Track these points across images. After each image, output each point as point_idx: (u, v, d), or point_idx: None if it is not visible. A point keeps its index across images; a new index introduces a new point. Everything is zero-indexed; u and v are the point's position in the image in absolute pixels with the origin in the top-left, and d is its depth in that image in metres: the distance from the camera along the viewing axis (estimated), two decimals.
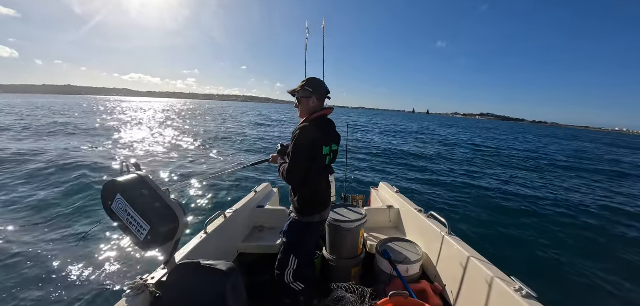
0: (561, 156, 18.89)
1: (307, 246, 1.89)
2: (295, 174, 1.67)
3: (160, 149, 12.64)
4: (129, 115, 35.29)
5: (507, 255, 4.51)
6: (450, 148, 18.84)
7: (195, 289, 1.29)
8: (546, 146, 27.43)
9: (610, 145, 39.02)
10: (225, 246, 2.39)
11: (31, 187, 6.60)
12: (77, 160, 9.05)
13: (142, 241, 1.19)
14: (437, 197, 7.54)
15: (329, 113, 1.84)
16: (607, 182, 10.77)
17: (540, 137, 46.72)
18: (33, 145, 11.50)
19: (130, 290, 1.32)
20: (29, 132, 15.23)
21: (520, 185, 9.10)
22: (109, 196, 1.21)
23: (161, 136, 16.88)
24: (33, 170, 7.87)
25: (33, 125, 17.89)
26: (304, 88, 1.74)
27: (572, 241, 5.14)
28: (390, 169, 10.94)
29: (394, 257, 2.12)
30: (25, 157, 9.21)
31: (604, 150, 27.46)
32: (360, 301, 1.70)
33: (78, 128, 17.85)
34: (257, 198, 3.24)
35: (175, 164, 9.99)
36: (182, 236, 1.38)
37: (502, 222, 5.83)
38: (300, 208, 1.78)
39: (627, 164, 17.10)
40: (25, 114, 26.68)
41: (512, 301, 1.40)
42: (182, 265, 1.39)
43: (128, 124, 22.92)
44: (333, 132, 1.87)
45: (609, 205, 7.53)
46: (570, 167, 14.29)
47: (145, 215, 1.17)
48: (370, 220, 2.81)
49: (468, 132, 43.04)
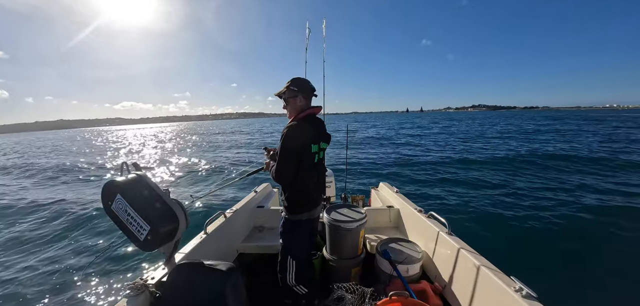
0: (562, 145, 18.74)
1: (301, 245, 1.88)
2: (284, 173, 1.68)
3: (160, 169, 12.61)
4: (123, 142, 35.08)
5: (507, 255, 4.51)
6: (449, 146, 18.83)
7: (195, 289, 1.29)
8: (540, 134, 27.10)
9: (601, 121, 38.74)
10: (225, 246, 2.39)
11: (31, 186, 6.60)
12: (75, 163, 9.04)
13: (142, 241, 1.19)
14: (437, 197, 7.54)
15: (317, 112, 1.85)
16: (608, 172, 10.75)
17: (533, 122, 45.91)
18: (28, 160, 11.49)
19: (130, 290, 1.32)
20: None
21: (520, 185, 9.09)
22: (109, 196, 1.21)
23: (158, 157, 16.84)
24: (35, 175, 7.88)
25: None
26: (289, 89, 1.76)
27: (572, 240, 5.14)
28: (390, 169, 10.95)
29: (394, 257, 2.12)
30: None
31: (607, 129, 26.92)
32: (360, 301, 1.70)
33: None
34: (257, 198, 3.24)
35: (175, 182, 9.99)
36: (182, 237, 1.38)
37: (502, 222, 5.83)
38: (288, 207, 1.80)
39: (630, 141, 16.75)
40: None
41: (512, 301, 1.40)
42: (182, 265, 1.39)
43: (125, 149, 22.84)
44: (322, 130, 1.86)
45: (610, 202, 7.52)
46: (569, 156, 14.20)
47: (145, 215, 1.17)
48: (370, 220, 2.81)
49: (462, 124, 43.02)
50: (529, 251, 4.69)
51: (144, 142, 31.37)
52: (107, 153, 14.00)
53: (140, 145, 25.41)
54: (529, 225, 5.75)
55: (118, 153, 12.42)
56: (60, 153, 20.36)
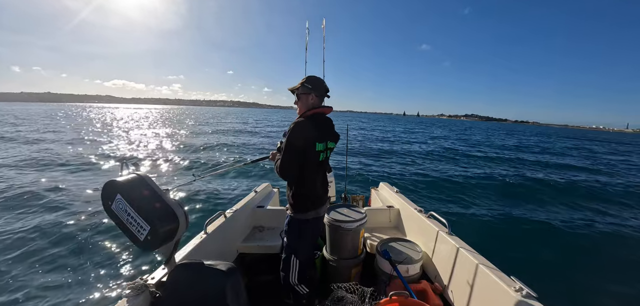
0: (558, 153, 18.97)
1: (305, 244, 1.88)
2: (288, 169, 1.68)
3: (156, 149, 12.63)
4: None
5: (507, 255, 4.51)
6: (450, 150, 18.85)
7: (195, 289, 1.29)
8: (539, 143, 27.65)
9: (601, 141, 39.56)
10: (225, 246, 2.38)
11: (30, 186, 6.60)
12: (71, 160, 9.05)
13: (142, 241, 1.19)
14: (437, 197, 7.54)
15: (327, 112, 1.85)
16: (606, 179, 10.78)
17: (528, 135, 47.29)
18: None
19: (130, 290, 1.32)
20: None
21: (520, 185, 9.10)
22: (109, 196, 1.20)
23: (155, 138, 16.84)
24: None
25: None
26: (303, 85, 1.76)
27: (572, 240, 5.14)
28: (390, 169, 10.95)
29: (394, 257, 2.12)
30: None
31: (599, 148, 27.74)
32: (360, 301, 1.70)
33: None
34: (257, 198, 3.24)
35: (175, 164, 10.00)
36: (182, 237, 1.38)
37: (502, 222, 5.83)
38: (294, 205, 1.79)
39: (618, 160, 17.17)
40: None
41: (512, 301, 1.40)
42: (182, 265, 1.39)
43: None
44: (329, 129, 1.86)
45: (609, 202, 7.53)
46: (567, 164, 14.29)
47: (145, 215, 1.17)
48: (371, 220, 2.81)
49: (459, 132, 43.41)
50: (529, 252, 4.69)
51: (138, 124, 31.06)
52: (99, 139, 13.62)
53: (136, 127, 25.09)
54: (529, 225, 5.75)
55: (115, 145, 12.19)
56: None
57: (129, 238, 1.21)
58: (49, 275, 3.68)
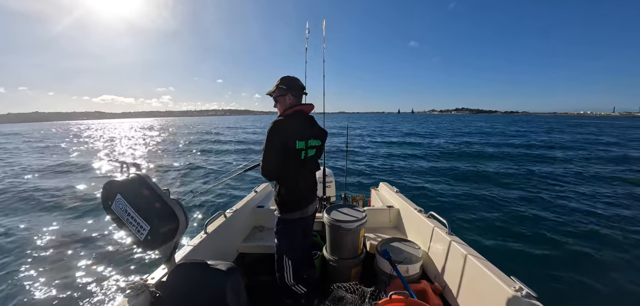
0: (555, 146, 18.91)
1: (295, 243, 1.86)
2: (266, 166, 1.68)
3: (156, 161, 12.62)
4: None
5: (507, 255, 4.51)
6: (447, 147, 18.84)
7: (195, 289, 1.29)
8: (531, 134, 27.61)
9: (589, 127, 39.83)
10: (225, 247, 2.38)
11: (30, 186, 6.60)
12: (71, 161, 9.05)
13: (142, 241, 1.19)
14: (437, 197, 7.53)
15: (308, 110, 1.84)
16: (606, 173, 10.77)
17: (518, 125, 47.14)
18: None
19: (130, 290, 1.32)
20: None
21: (520, 184, 9.10)
22: (109, 196, 1.21)
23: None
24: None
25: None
26: (278, 88, 1.77)
27: (572, 240, 5.14)
28: (390, 169, 10.95)
29: (394, 257, 2.12)
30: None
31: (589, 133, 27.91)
32: (360, 301, 1.70)
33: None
34: (257, 198, 3.24)
35: (172, 174, 9.99)
36: (182, 237, 1.38)
37: (502, 222, 5.83)
38: (280, 205, 1.80)
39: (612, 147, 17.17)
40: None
41: (512, 301, 1.40)
42: (182, 265, 1.39)
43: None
44: (311, 127, 1.84)
45: (609, 201, 7.52)
46: (565, 158, 14.24)
47: (145, 215, 1.17)
48: (370, 220, 2.81)
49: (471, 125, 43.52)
50: (529, 252, 4.69)
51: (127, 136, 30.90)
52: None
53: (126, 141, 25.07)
54: (529, 225, 5.75)
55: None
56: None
57: (129, 238, 1.21)
58: (49, 274, 3.68)
